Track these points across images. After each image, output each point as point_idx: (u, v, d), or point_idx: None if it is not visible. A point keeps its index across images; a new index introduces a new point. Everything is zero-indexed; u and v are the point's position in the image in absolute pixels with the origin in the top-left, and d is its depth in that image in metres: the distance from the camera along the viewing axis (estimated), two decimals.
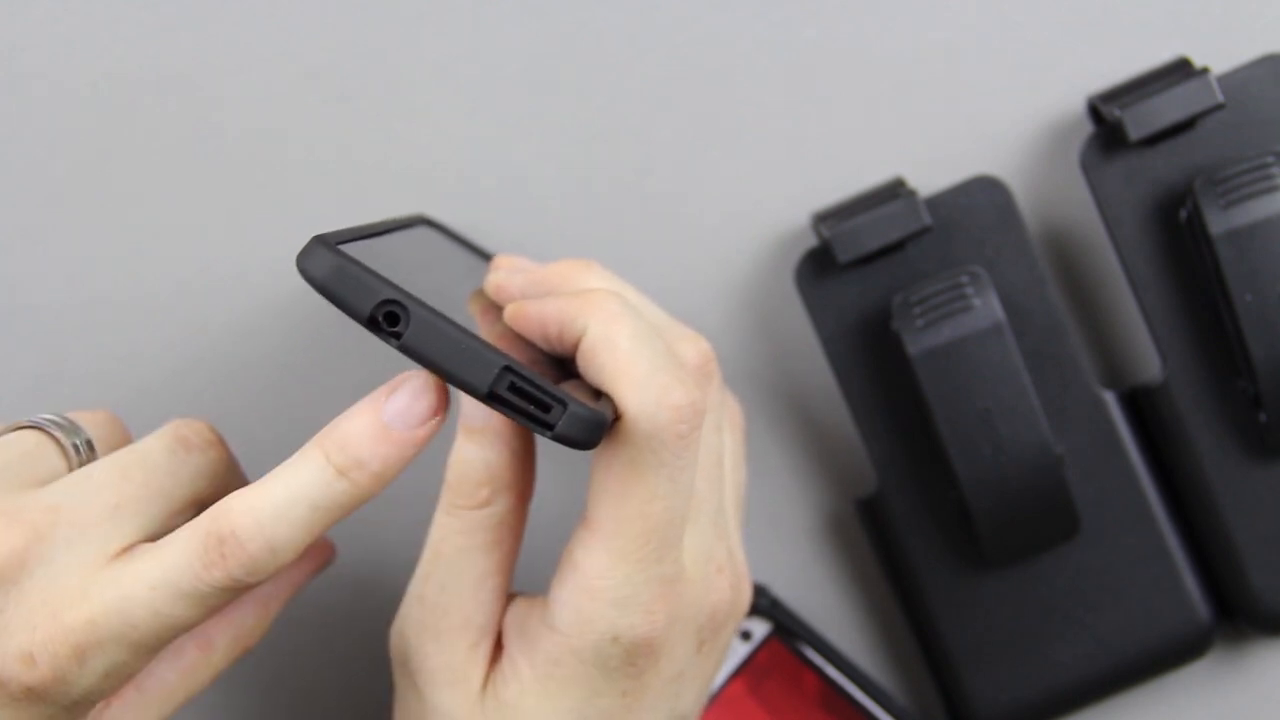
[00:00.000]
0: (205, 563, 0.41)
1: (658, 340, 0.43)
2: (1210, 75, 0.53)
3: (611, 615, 0.43)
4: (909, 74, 0.57)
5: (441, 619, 0.45)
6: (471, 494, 0.45)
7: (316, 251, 0.40)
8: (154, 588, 0.41)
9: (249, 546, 0.41)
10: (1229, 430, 0.55)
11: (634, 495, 0.43)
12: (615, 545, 0.43)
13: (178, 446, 0.45)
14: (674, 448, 0.42)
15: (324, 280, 0.39)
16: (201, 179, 0.58)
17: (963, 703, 0.56)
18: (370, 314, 0.39)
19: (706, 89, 0.58)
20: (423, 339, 0.39)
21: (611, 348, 0.42)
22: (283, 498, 0.41)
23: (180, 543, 0.42)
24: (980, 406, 0.53)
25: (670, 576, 0.44)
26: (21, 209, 0.58)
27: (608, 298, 0.43)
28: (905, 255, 0.55)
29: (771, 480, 0.58)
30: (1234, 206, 0.52)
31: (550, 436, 0.40)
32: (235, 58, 0.58)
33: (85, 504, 0.43)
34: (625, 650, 0.44)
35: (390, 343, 0.40)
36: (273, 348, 0.58)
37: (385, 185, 0.58)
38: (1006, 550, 0.55)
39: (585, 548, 0.43)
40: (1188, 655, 0.56)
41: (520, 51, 0.58)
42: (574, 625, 0.44)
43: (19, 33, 0.58)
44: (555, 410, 0.40)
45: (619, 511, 0.43)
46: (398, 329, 0.39)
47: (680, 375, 0.43)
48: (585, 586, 0.43)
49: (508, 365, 0.39)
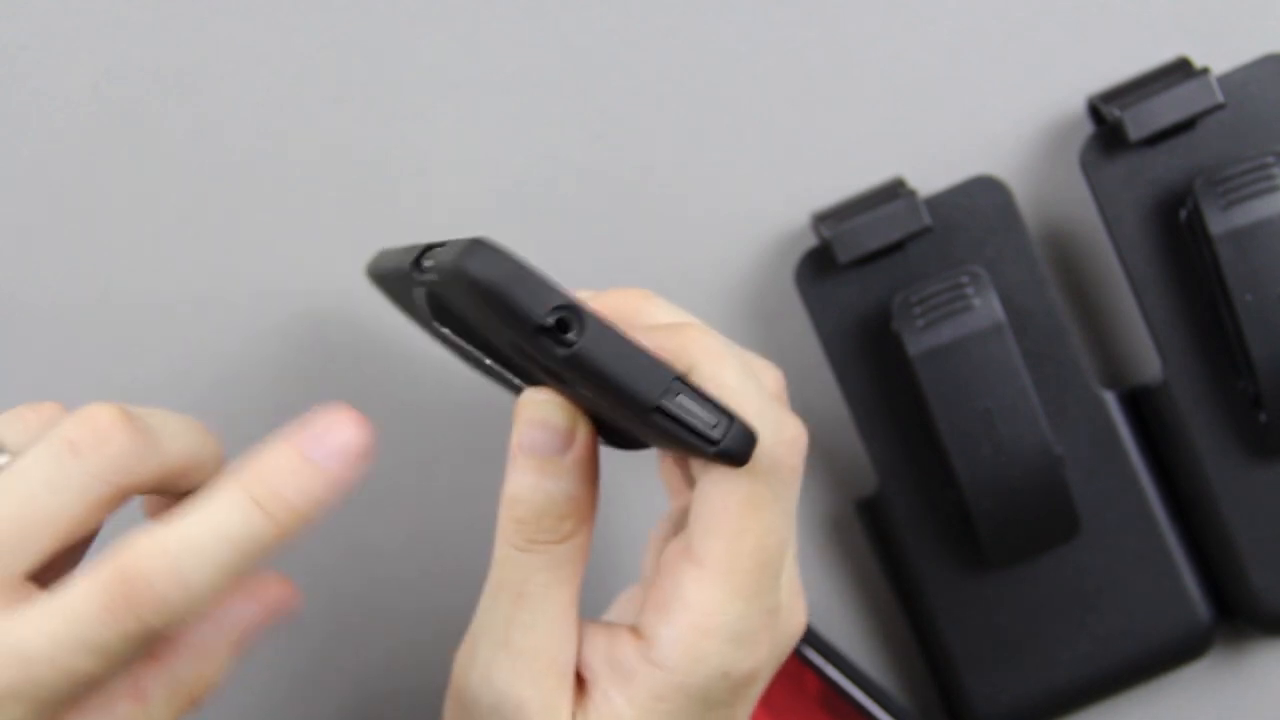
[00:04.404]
0: (110, 609, 0.38)
1: (756, 375, 0.43)
2: (1210, 75, 0.53)
3: (725, 651, 0.43)
4: (909, 74, 0.57)
5: (533, 662, 0.44)
6: (555, 529, 0.43)
7: (483, 252, 0.38)
8: (55, 640, 0.38)
9: (158, 587, 0.38)
10: (1229, 430, 0.55)
11: (751, 530, 0.42)
12: (732, 582, 0.42)
13: (63, 454, 0.40)
14: (788, 480, 0.42)
15: (499, 281, 0.38)
16: (201, 179, 0.58)
17: (963, 703, 0.56)
18: (543, 319, 0.38)
19: (707, 89, 0.58)
20: (597, 347, 0.38)
21: (722, 385, 0.41)
22: (196, 534, 0.38)
23: (81, 589, 0.38)
24: (980, 406, 0.53)
25: (774, 608, 0.43)
26: (20, 209, 0.58)
27: (705, 334, 0.42)
28: (905, 255, 0.55)
29: None
30: (1234, 206, 0.52)
31: (713, 451, 0.39)
32: (235, 58, 0.58)
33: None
34: (732, 685, 0.43)
35: (555, 351, 0.38)
36: (273, 347, 0.58)
37: (385, 186, 0.58)
38: (1006, 550, 0.55)
39: (699, 584, 0.42)
40: (1188, 655, 0.56)
41: (520, 52, 0.58)
42: (685, 662, 0.43)
43: (19, 33, 0.58)
44: (721, 425, 0.40)
45: (736, 547, 0.42)
46: (569, 335, 0.38)
47: (786, 408, 0.43)
48: (699, 625, 0.42)
49: (679, 377, 0.39)
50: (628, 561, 0.55)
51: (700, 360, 0.42)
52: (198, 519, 0.39)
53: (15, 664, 0.38)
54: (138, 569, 0.38)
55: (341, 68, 0.58)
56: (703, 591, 0.42)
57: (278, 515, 0.39)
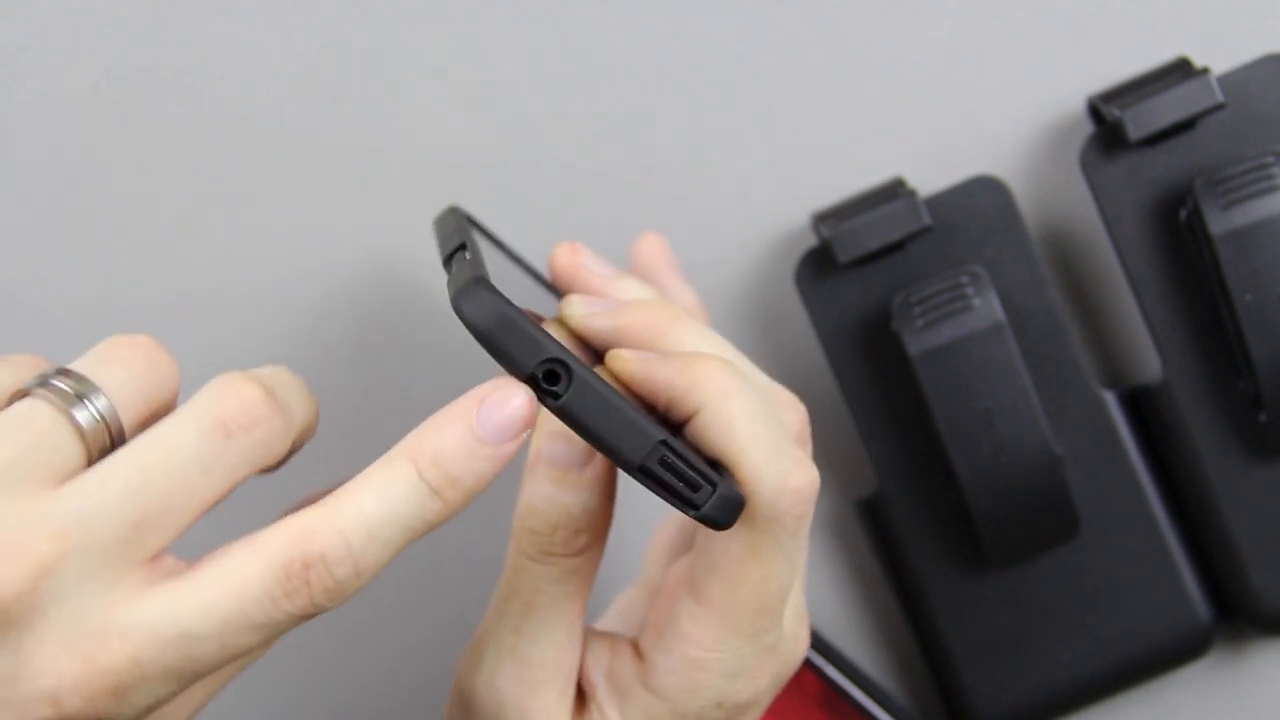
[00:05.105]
0: (286, 590, 0.37)
1: (771, 414, 0.42)
2: (1210, 75, 0.53)
3: (720, 685, 0.43)
4: (909, 74, 0.57)
5: (538, 671, 0.44)
6: (569, 541, 0.43)
7: (479, 296, 0.38)
8: (224, 621, 0.37)
9: (337, 572, 0.37)
10: (1229, 430, 0.55)
11: (750, 576, 0.42)
12: (729, 621, 0.42)
13: (215, 434, 0.38)
14: (792, 529, 0.42)
15: (489, 330, 0.38)
16: (201, 179, 0.58)
17: (963, 703, 0.56)
18: (531, 372, 0.38)
19: (707, 89, 0.58)
20: (582, 403, 0.39)
21: (728, 428, 0.41)
22: (375, 518, 0.38)
23: (254, 569, 0.37)
24: (980, 406, 0.53)
25: (774, 644, 0.44)
26: (20, 209, 0.58)
27: (719, 370, 0.41)
28: (905, 255, 0.55)
29: None
30: (1234, 206, 0.52)
31: (694, 515, 0.39)
32: (235, 58, 0.58)
33: (100, 525, 0.37)
34: (728, 713, 0.43)
35: (545, 402, 0.39)
36: (273, 347, 0.58)
37: (384, 185, 0.58)
38: (1006, 550, 0.55)
39: (694, 620, 0.43)
40: (1188, 655, 0.56)
41: (521, 51, 0.58)
42: (679, 692, 0.43)
43: (19, 33, 0.58)
44: (704, 491, 0.39)
45: (734, 590, 0.42)
46: (556, 389, 0.38)
47: (796, 455, 0.42)
48: (694, 659, 0.43)
49: (664, 440, 0.39)
50: (630, 561, 0.55)
51: (710, 400, 0.41)
52: (373, 499, 0.38)
53: (180, 644, 0.37)
54: (317, 552, 0.37)
55: (341, 68, 0.58)
56: (698, 628, 0.43)
57: (449, 497, 0.38)
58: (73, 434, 0.38)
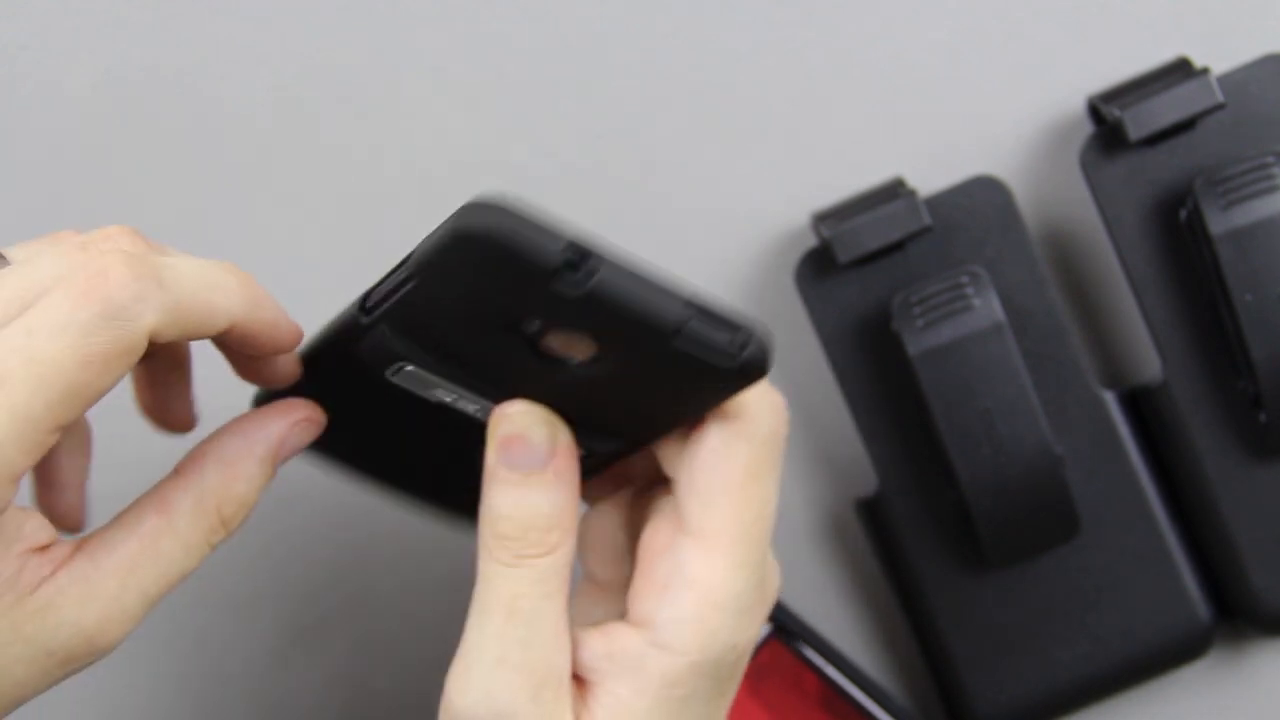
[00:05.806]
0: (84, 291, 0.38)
1: None
2: (1210, 75, 0.53)
3: (733, 624, 0.43)
4: (909, 74, 0.57)
5: (531, 676, 0.43)
6: (541, 541, 0.43)
7: (482, 209, 0.38)
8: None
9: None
10: (1229, 430, 0.55)
11: (754, 499, 0.42)
12: (738, 554, 0.42)
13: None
14: (781, 446, 0.43)
15: (507, 230, 0.37)
16: (201, 179, 0.58)
17: (963, 703, 0.56)
18: (560, 258, 0.37)
19: (707, 89, 0.58)
20: (616, 276, 0.38)
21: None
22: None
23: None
24: (980, 406, 0.53)
25: (764, 579, 0.43)
26: (21, 209, 0.58)
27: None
28: (905, 255, 0.55)
29: None
30: (1234, 206, 0.52)
31: (734, 365, 0.39)
32: (235, 58, 0.58)
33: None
34: (739, 656, 0.43)
35: (569, 292, 0.38)
36: None
37: (384, 185, 0.58)
38: (1006, 550, 0.55)
39: (702, 560, 0.42)
40: (1188, 655, 0.56)
41: (521, 51, 0.58)
42: (697, 641, 0.42)
43: (19, 33, 0.58)
44: (742, 333, 0.39)
45: (741, 517, 0.42)
46: (588, 266, 0.38)
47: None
48: (709, 600, 0.42)
49: (690, 299, 0.38)
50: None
51: None
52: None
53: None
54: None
55: (341, 68, 0.58)
56: (709, 564, 0.42)
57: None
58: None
